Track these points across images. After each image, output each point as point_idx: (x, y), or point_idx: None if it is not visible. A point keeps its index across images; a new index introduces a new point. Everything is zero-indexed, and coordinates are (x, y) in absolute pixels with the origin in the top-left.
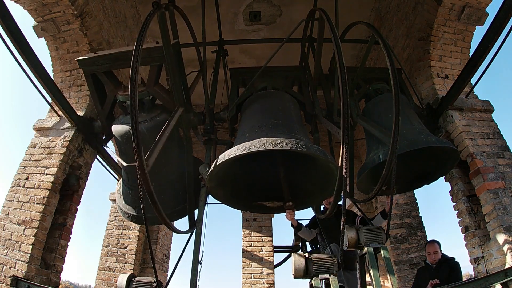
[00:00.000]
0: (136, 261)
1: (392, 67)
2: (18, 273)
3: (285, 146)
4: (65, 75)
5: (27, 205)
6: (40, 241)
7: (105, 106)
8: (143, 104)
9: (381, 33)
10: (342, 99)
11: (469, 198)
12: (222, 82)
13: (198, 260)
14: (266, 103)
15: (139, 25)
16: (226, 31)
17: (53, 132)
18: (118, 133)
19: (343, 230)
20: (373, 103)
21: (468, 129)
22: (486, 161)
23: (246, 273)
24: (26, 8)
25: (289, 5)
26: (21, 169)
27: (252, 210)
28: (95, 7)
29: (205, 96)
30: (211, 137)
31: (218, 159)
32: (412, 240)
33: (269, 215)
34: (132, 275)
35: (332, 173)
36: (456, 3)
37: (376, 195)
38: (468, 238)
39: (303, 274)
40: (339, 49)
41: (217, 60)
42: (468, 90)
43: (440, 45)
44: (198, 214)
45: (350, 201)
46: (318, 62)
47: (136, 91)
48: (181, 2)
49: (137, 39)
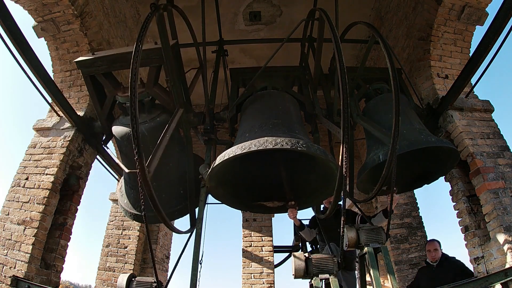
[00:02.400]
0: (136, 261)
1: (392, 67)
2: (18, 273)
3: (285, 145)
4: (65, 75)
5: (27, 205)
6: (40, 241)
7: (104, 106)
8: (143, 105)
9: (381, 33)
10: (342, 99)
11: (469, 198)
12: (222, 82)
13: (198, 260)
14: (266, 103)
15: (139, 25)
16: (226, 31)
17: (53, 132)
18: (118, 134)
19: (343, 230)
20: (373, 103)
21: (468, 129)
22: (486, 161)
23: (246, 273)
24: (26, 8)
25: (289, 5)
26: (21, 169)
27: (252, 210)
28: (95, 7)
29: (205, 96)
30: (211, 137)
31: (218, 159)
32: (412, 240)
33: (269, 215)
34: (132, 275)
35: (332, 173)
36: (456, 3)
37: (376, 195)
38: (468, 238)
39: (303, 274)
40: (339, 49)
41: (217, 60)
42: (468, 90)
43: (440, 45)
44: (198, 214)
45: (350, 201)
46: (318, 62)
47: (136, 98)
48: (181, 2)
49: (136, 42)
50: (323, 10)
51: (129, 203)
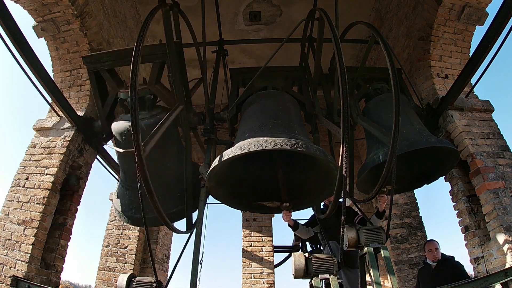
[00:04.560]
0: (136, 261)
1: (392, 67)
2: (18, 273)
3: (285, 145)
4: (65, 75)
5: (27, 205)
6: (40, 241)
7: (106, 105)
8: (144, 102)
9: (381, 33)
10: (342, 99)
11: (469, 198)
12: (222, 82)
13: (198, 260)
14: (266, 103)
15: (139, 25)
16: (226, 31)
17: (53, 132)
18: (117, 129)
19: (343, 230)
20: (373, 103)
21: (468, 129)
22: (486, 161)
23: (246, 273)
24: (26, 8)
25: (289, 5)
26: (21, 169)
27: (252, 210)
28: (95, 7)
29: (205, 96)
30: (211, 137)
31: (217, 159)
32: (412, 240)
33: (269, 215)
34: (132, 275)
35: (332, 173)
36: (456, 3)
37: (376, 195)
38: (468, 238)
39: (303, 274)
40: (339, 49)
41: (217, 60)
42: (468, 90)
43: (440, 45)
44: (198, 214)
45: (350, 200)
46: (318, 62)
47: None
48: (181, 2)
49: (142, 26)
50: (323, 10)
51: (123, 206)
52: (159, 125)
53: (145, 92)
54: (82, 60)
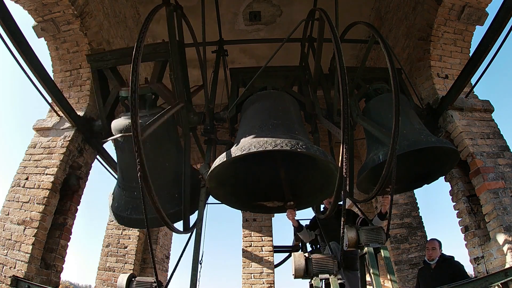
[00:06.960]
0: (136, 261)
1: (392, 67)
2: (18, 273)
3: (285, 146)
4: (65, 75)
5: (27, 205)
6: (40, 241)
7: (107, 104)
8: (145, 101)
9: (381, 33)
10: (342, 99)
11: (469, 198)
12: (222, 82)
13: (198, 260)
14: (266, 103)
15: (139, 25)
16: (226, 31)
17: (53, 132)
18: (116, 127)
19: (343, 230)
20: (373, 103)
21: (468, 129)
22: (486, 161)
23: (246, 273)
24: (26, 8)
25: (289, 5)
26: (21, 169)
27: (252, 210)
28: (95, 7)
29: (205, 96)
30: (211, 137)
31: (218, 159)
32: (412, 240)
33: (269, 215)
34: (132, 275)
35: (332, 173)
36: (456, 3)
37: (376, 195)
38: (468, 238)
39: (303, 274)
40: (339, 49)
41: (217, 60)
42: (468, 90)
43: (440, 45)
44: (198, 214)
45: (350, 201)
46: (318, 62)
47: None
48: (181, 2)
49: (145, 20)
50: (323, 10)
51: (120, 207)
52: (159, 115)
53: (146, 90)
54: (86, 58)
